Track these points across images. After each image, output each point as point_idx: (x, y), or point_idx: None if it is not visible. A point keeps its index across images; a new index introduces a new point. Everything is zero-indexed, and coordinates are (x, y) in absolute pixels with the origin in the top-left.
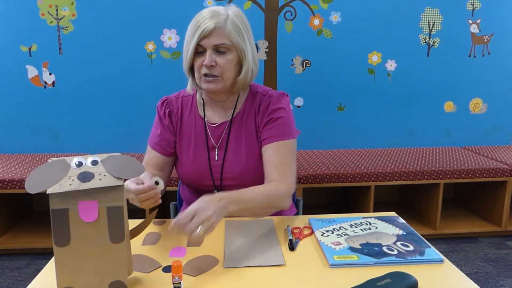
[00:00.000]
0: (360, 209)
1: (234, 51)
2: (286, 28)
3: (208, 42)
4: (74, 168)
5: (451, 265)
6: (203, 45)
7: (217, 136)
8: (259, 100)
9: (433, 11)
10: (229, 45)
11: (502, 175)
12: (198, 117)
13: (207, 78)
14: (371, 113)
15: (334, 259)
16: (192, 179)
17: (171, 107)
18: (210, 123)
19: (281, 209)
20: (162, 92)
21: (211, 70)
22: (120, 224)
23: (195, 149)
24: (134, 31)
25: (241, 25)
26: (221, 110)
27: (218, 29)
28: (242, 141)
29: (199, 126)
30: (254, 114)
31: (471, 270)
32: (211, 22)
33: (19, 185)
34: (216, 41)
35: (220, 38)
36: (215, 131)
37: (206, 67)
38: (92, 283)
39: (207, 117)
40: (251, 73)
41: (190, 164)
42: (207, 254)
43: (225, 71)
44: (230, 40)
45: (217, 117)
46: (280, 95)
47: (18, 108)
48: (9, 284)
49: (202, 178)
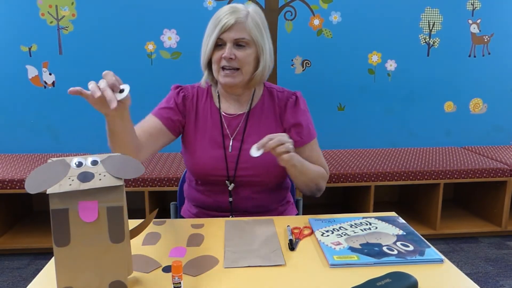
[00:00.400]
0: (360, 209)
1: (253, 46)
2: (286, 28)
3: (228, 35)
4: (74, 168)
5: (451, 265)
6: (223, 39)
7: (233, 127)
8: (279, 96)
9: (433, 11)
10: (248, 40)
11: (502, 175)
12: (214, 108)
13: (226, 72)
14: (371, 113)
15: (334, 259)
16: (206, 169)
17: (186, 92)
18: (226, 114)
19: (319, 190)
20: (162, 92)
21: (230, 62)
22: (120, 224)
23: (211, 139)
24: (134, 31)
25: (260, 22)
26: (237, 103)
27: (239, 23)
28: (259, 133)
29: (215, 116)
30: (275, 109)
31: (471, 270)
32: (232, 17)
33: (19, 185)
34: (236, 35)
35: (241, 32)
36: (231, 122)
37: (225, 60)
38: (92, 283)
39: (222, 108)
40: (268, 68)
41: (205, 153)
42: (207, 254)
43: (244, 64)
44: (249, 35)
45: (232, 109)
46: (300, 94)
47: (18, 108)
48: (9, 284)
49: (216, 168)
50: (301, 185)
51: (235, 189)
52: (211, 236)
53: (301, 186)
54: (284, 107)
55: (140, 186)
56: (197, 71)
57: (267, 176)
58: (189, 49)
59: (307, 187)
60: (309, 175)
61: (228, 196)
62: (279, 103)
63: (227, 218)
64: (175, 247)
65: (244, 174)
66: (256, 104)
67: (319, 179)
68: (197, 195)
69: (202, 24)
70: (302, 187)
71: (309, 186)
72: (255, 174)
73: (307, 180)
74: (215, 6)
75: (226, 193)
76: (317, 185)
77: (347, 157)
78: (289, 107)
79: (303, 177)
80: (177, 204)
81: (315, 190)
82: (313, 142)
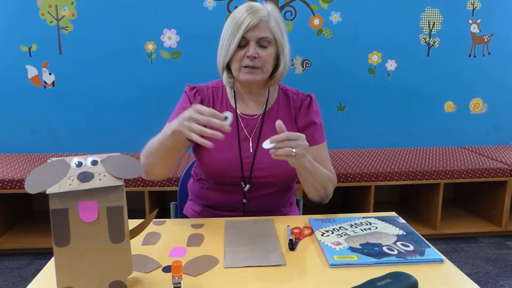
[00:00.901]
0: (360, 209)
1: (274, 45)
2: (286, 28)
3: (252, 34)
4: (74, 168)
5: (451, 265)
6: (247, 37)
7: (250, 128)
8: (294, 98)
9: (433, 11)
10: (271, 39)
11: (502, 175)
12: (231, 108)
13: (248, 69)
14: (371, 113)
15: (334, 259)
16: (221, 170)
17: (202, 95)
18: (243, 114)
19: (327, 195)
20: (162, 92)
21: (253, 61)
22: (120, 224)
23: (227, 140)
24: (134, 31)
25: (280, 21)
26: (253, 104)
27: (263, 22)
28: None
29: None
30: (290, 111)
31: (471, 270)
32: (256, 16)
33: (19, 185)
34: (261, 34)
35: (264, 31)
36: (249, 122)
37: (250, 59)
38: (92, 283)
39: (239, 109)
40: (287, 68)
41: (221, 154)
42: (207, 254)
43: (266, 63)
44: (272, 34)
45: (249, 110)
46: (314, 96)
47: (18, 108)
48: (9, 284)
49: (232, 169)
50: (310, 190)
51: (249, 190)
52: (211, 236)
53: (310, 190)
54: (298, 108)
55: (140, 186)
56: (197, 71)
57: (281, 178)
58: (189, 49)
59: (317, 192)
60: (319, 179)
61: (242, 197)
62: (294, 104)
63: (227, 218)
64: (175, 247)
65: (259, 175)
66: (272, 105)
67: (328, 183)
68: (208, 194)
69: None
70: (311, 191)
71: (318, 191)
72: (270, 174)
73: (317, 184)
74: (215, 6)
75: (239, 194)
76: (325, 189)
77: (347, 157)
78: (304, 108)
79: (313, 180)
80: (177, 204)
81: (324, 196)
82: (323, 145)
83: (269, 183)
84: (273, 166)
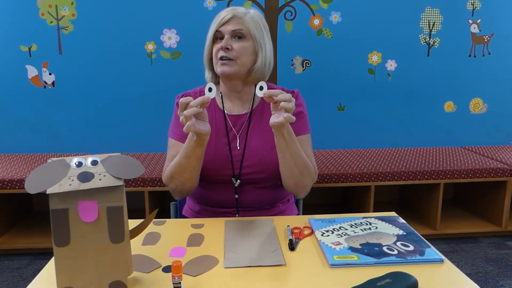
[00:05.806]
0: (360, 209)
1: (250, 40)
2: (286, 28)
3: (225, 28)
4: (74, 168)
5: (451, 265)
6: (221, 31)
7: (238, 126)
8: None
9: (433, 11)
10: (245, 32)
11: (502, 175)
12: (218, 109)
13: (223, 61)
14: (371, 113)
15: (334, 259)
16: (213, 168)
17: None
18: (230, 114)
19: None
20: (162, 92)
21: (227, 52)
22: (120, 224)
23: (216, 139)
24: (134, 31)
25: (260, 21)
26: (240, 103)
27: (237, 18)
28: (262, 132)
29: (219, 117)
30: None
31: (471, 270)
32: (230, 12)
33: (19, 185)
34: (234, 27)
35: (237, 25)
36: (236, 121)
37: (222, 50)
38: (92, 283)
39: (226, 109)
40: (268, 65)
41: (212, 153)
42: (207, 254)
43: (240, 55)
44: (247, 28)
45: (236, 109)
46: (298, 91)
47: (18, 108)
48: (9, 284)
49: (223, 167)
50: (285, 171)
51: (240, 186)
52: (211, 236)
53: (285, 172)
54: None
55: (140, 186)
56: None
57: (269, 173)
58: (189, 49)
59: (291, 174)
60: (295, 157)
61: (234, 193)
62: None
63: (227, 218)
64: (175, 247)
65: (249, 172)
66: (257, 104)
67: (304, 168)
68: (202, 192)
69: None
70: (286, 173)
71: (293, 173)
72: (259, 170)
73: (292, 164)
74: (215, 6)
75: (232, 190)
76: (301, 175)
77: (347, 157)
78: None
79: (289, 155)
80: (177, 204)
81: (299, 183)
82: (307, 136)
83: (260, 178)
84: (261, 161)
